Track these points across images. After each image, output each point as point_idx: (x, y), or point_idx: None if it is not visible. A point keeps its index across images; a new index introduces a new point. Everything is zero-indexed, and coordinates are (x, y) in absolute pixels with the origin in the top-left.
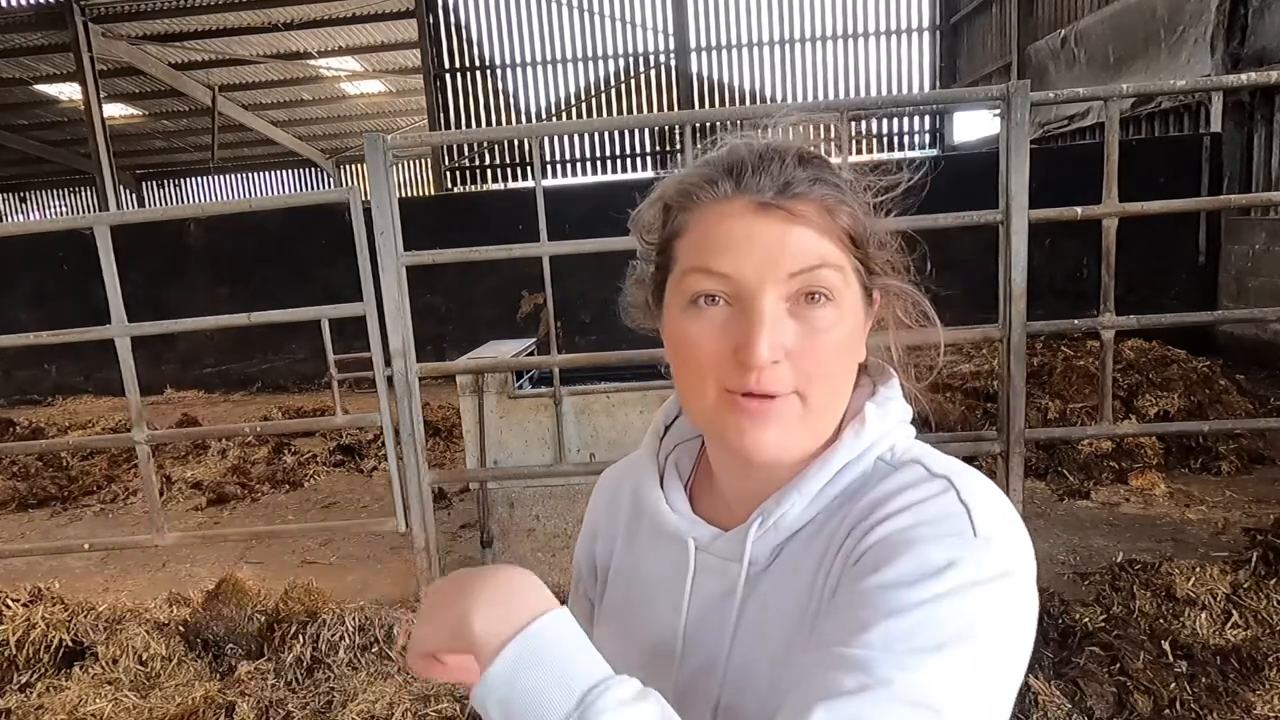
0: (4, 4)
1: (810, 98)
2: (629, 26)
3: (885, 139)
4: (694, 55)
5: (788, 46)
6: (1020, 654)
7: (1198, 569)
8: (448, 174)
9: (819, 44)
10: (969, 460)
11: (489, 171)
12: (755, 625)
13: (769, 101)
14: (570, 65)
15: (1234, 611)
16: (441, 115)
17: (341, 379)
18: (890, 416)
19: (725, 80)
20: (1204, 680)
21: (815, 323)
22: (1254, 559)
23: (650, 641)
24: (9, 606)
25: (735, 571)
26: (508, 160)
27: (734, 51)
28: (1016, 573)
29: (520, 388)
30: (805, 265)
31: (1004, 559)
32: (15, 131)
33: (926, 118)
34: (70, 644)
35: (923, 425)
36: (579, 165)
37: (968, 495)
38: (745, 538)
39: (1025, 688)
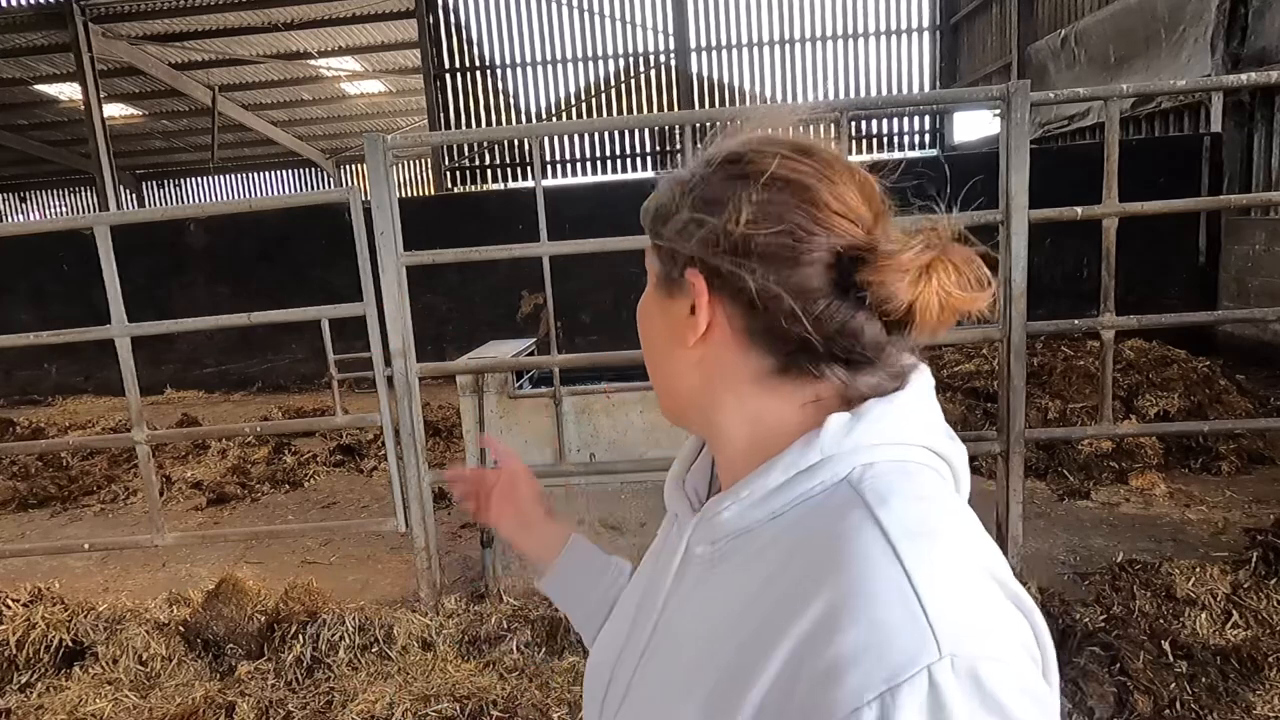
0: (4, 4)
1: (810, 98)
2: (629, 26)
3: (885, 139)
4: (694, 55)
5: (788, 46)
6: None
7: (1198, 569)
8: (448, 174)
9: (819, 44)
10: (968, 460)
11: (489, 171)
12: (673, 617)
13: (769, 101)
14: (570, 65)
15: (1234, 611)
16: (441, 115)
17: (341, 379)
18: (869, 432)
19: (725, 80)
20: (1204, 680)
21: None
22: (1254, 559)
23: (622, 619)
24: (9, 606)
25: (674, 556)
26: (508, 160)
27: (734, 51)
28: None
29: (520, 388)
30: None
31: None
32: (15, 131)
33: (926, 118)
34: (70, 644)
35: None
36: (579, 165)
37: (924, 578)
38: (688, 523)
39: None
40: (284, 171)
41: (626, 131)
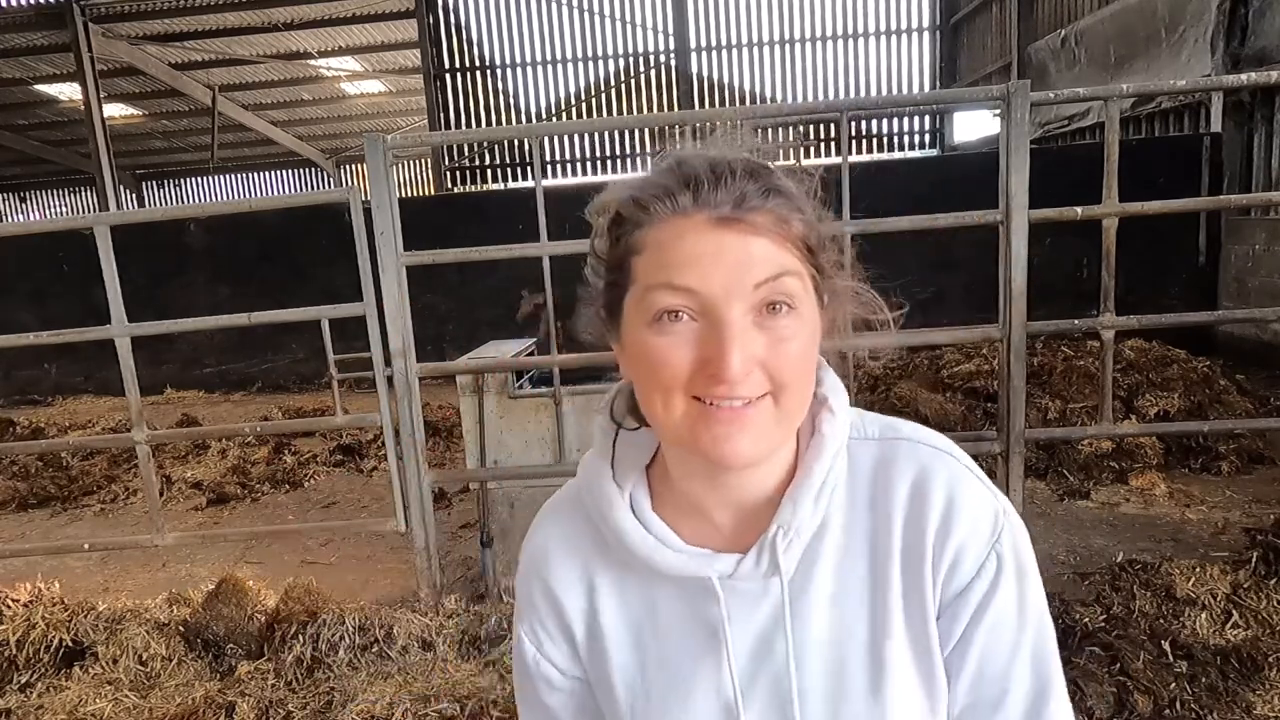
0: (4, 4)
1: (810, 98)
2: (629, 26)
3: (885, 139)
4: (694, 55)
5: (788, 46)
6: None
7: (1198, 569)
8: (448, 174)
9: (819, 44)
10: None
11: (489, 171)
12: (808, 637)
13: (769, 101)
14: (570, 65)
15: (1234, 611)
16: (441, 115)
17: (341, 379)
18: (844, 397)
19: (725, 80)
20: (1204, 680)
21: (780, 332)
22: (1254, 559)
23: (699, 701)
24: (9, 606)
25: (774, 591)
26: (508, 160)
27: (734, 51)
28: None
29: (520, 388)
30: (768, 275)
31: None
32: (15, 131)
33: (926, 118)
34: (70, 644)
35: (922, 424)
36: (579, 165)
37: (969, 465)
38: (774, 553)
39: None
40: (284, 171)
41: (626, 131)
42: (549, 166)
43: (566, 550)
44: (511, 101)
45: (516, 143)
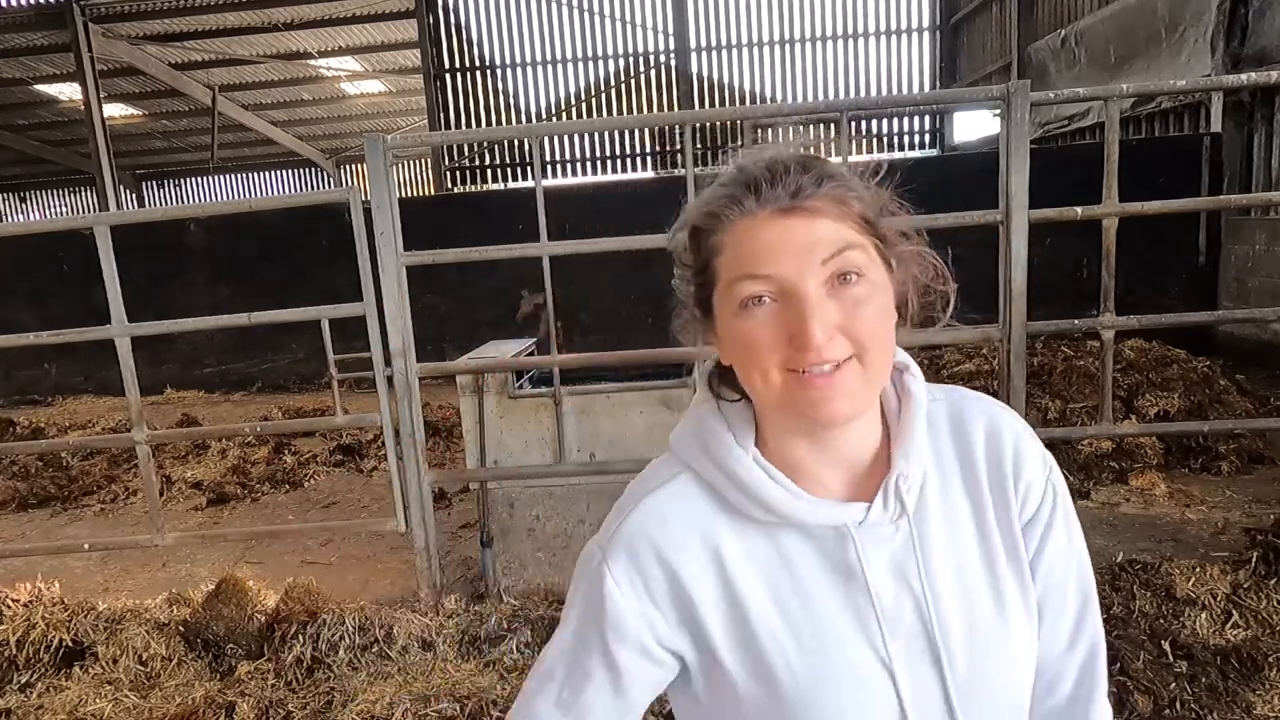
0: (4, 4)
1: (810, 98)
2: (629, 26)
3: (885, 139)
4: (694, 55)
5: (788, 46)
6: None
7: (1198, 569)
8: (448, 174)
9: (819, 44)
10: None
11: (489, 171)
12: (934, 564)
13: (769, 101)
14: (570, 65)
15: (1234, 611)
16: (441, 115)
17: (341, 379)
18: (916, 365)
19: (725, 80)
20: (1204, 680)
21: (853, 298)
22: (1254, 559)
23: (852, 640)
24: (9, 606)
25: (902, 529)
26: (508, 160)
27: (734, 51)
28: None
29: (520, 388)
30: (833, 250)
31: None
32: (15, 131)
33: (926, 118)
34: (70, 644)
35: None
36: (579, 165)
37: (1017, 415)
38: (900, 498)
39: None
40: (284, 171)
41: (626, 131)
42: (549, 166)
43: (683, 519)
44: (511, 101)
45: (516, 143)
